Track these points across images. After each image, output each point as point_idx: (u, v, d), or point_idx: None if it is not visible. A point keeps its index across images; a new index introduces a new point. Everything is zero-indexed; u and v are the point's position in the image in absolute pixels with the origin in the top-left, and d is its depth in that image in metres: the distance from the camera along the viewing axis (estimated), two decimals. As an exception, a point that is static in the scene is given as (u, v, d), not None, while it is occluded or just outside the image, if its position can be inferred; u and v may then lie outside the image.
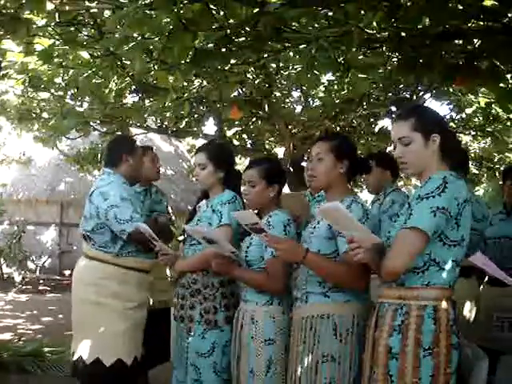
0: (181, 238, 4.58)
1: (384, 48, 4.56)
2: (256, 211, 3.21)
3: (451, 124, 9.01)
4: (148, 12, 3.57)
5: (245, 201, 3.44)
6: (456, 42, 4.48)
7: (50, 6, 4.22)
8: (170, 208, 5.07)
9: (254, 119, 9.65)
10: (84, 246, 4.09)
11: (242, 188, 3.41)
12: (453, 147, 2.58)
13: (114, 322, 3.87)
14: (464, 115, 9.57)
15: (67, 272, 14.17)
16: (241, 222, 3.00)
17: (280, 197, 3.38)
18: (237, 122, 9.57)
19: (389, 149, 9.24)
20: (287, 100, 9.32)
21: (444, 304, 2.43)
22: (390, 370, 2.41)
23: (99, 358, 3.84)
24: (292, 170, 9.56)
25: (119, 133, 8.48)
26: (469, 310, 4.43)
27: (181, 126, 9.13)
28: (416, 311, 2.40)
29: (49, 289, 13.40)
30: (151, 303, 4.51)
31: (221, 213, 3.46)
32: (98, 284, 3.90)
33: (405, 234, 2.40)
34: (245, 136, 10.27)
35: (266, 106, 8.44)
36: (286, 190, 3.54)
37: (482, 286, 4.55)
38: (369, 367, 2.54)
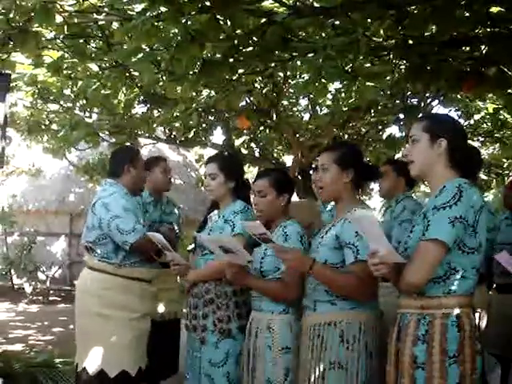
0: (190, 247, 4.59)
1: (391, 56, 4.56)
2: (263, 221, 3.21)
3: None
4: (156, 23, 3.60)
5: (255, 211, 3.45)
6: (463, 48, 4.49)
7: (58, 19, 4.26)
8: (181, 219, 5.07)
9: (262, 128, 9.68)
10: (87, 257, 4.09)
11: (252, 198, 3.42)
12: (462, 155, 2.57)
13: (118, 333, 3.85)
14: (472, 121, 9.55)
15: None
16: (248, 231, 3.01)
17: (289, 205, 3.39)
18: (245, 131, 9.60)
19: (397, 156, 9.24)
20: (295, 108, 9.34)
21: (466, 311, 2.43)
22: (416, 379, 2.40)
23: (103, 369, 3.81)
24: (300, 178, 9.56)
25: (128, 143, 8.50)
26: (479, 318, 4.42)
27: (189, 136, 9.15)
28: (440, 320, 2.40)
29: (59, 299, 13.44)
30: (161, 314, 4.52)
31: (233, 222, 3.47)
32: (102, 295, 3.88)
33: (425, 247, 2.39)
34: (253, 145, 10.29)
35: (274, 115, 8.46)
36: (293, 198, 3.53)
37: (491, 293, 4.54)
38: (394, 378, 2.53)
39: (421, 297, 2.46)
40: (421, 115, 2.80)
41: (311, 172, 9.70)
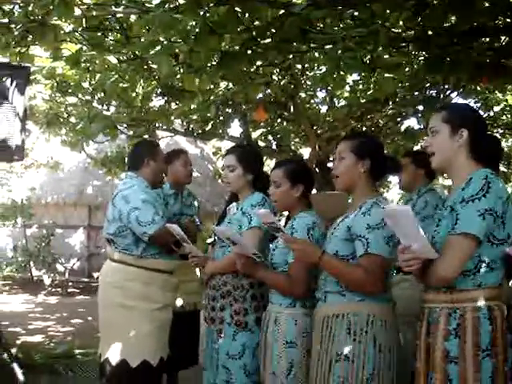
0: (209, 240, 4.60)
1: (410, 47, 4.53)
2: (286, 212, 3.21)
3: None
4: (174, 16, 3.60)
5: (272, 202, 3.44)
6: (483, 39, 4.44)
7: (77, 12, 4.27)
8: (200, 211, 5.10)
9: (279, 120, 9.65)
10: (108, 249, 4.15)
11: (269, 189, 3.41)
12: (484, 145, 2.54)
13: (139, 324, 3.91)
14: (492, 113, 9.46)
15: (96, 274, 14.28)
16: (262, 220, 3.02)
17: (317, 197, 3.36)
18: (262, 124, 9.58)
19: (416, 148, 9.18)
20: (312, 101, 9.30)
21: (497, 303, 2.41)
22: (449, 374, 2.38)
23: (125, 359, 3.88)
24: (318, 170, 9.53)
25: (146, 136, 8.52)
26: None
27: (207, 129, 9.15)
28: (471, 313, 2.38)
29: (78, 291, 13.54)
30: (181, 305, 4.55)
31: (250, 215, 3.46)
32: (124, 286, 3.94)
33: (456, 241, 2.37)
34: (270, 137, 10.26)
35: (292, 107, 8.43)
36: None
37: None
38: (423, 374, 2.51)
39: (450, 290, 2.44)
40: (440, 105, 2.75)
41: (329, 164, 9.71)
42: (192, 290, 4.68)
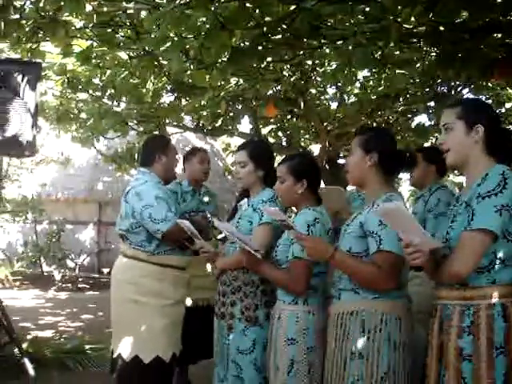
0: (220, 236, 4.61)
1: (421, 43, 4.50)
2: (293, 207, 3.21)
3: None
4: (185, 11, 3.59)
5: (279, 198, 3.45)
6: (495, 35, 4.41)
7: (87, 8, 4.28)
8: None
9: (289, 117, 9.63)
10: (121, 245, 4.15)
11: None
12: (499, 141, 2.52)
13: (152, 320, 3.91)
14: (503, 109, 9.40)
15: (105, 270, 14.34)
16: (272, 217, 3.02)
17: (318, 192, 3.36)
18: (272, 120, 9.56)
19: (426, 144, 9.14)
20: (322, 97, 9.27)
21: (511, 300, 2.38)
22: (463, 372, 2.36)
23: (138, 355, 3.89)
24: (328, 167, 9.51)
25: (156, 132, 8.53)
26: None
27: (216, 125, 9.14)
28: (486, 310, 2.35)
29: (88, 287, 13.59)
30: (194, 300, 4.57)
31: (261, 211, 3.47)
32: (137, 283, 3.95)
33: (472, 237, 2.35)
34: (280, 134, 10.24)
35: (302, 104, 8.41)
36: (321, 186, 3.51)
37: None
38: (435, 371, 2.50)
39: (464, 287, 2.41)
40: (453, 100, 2.71)
41: (339, 161, 9.69)
42: (205, 285, 4.70)
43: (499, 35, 4.43)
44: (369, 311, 2.76)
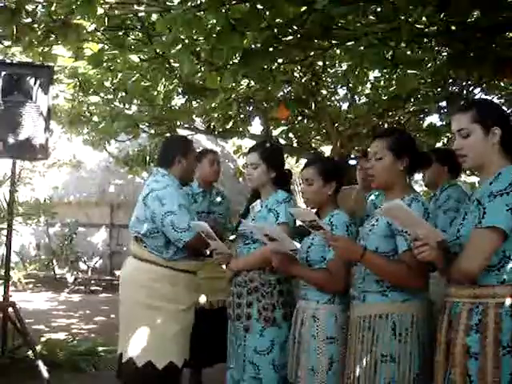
0: (231, 237, 4.61)
1: (433, 43, 4.48)
2: (314, 210, 3.21)
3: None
4: (196, 14, 3.60)
5: (303, 199, 3.44)
6: (507, 34, 4.39)
7: (99, 11, 4.29)
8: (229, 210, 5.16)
9: (300, 118, 9.62)
10: (134, 247, 4.03)
11: (300, 187, 3.41)
12: None
13: (166, 325, 3.85)
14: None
15: (118, 272, 14.37)
16: (297, 218, 3.01)
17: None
18: (283, 121, 9.56)
19: (438, 145, 9.11)
20: (333, 98, 9.26)
21: None
22: (468, 370, 2.36)
23: (151, 361, 3.81)
24: (339, 168, 9.48)
25: (168, 134, 8.53)
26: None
27: (227, 127, 9.15)
28: (494, 309, 2.35)
29: (100, 289, 13.63)
30: (209, 303, 4.56)
31: (277, 212, 3.48)
32: (150, 286, 3.87)
33: (481, 234, 2.35)
34: (291, 135, 10.23)
35: (313, 105, 8.40)
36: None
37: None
38: (442, 368, 2.50)
39: (473, 285, 2.41)
40: (463, 104, 2.69)
41: (350, 162, 9.66)
42: (219, 287, 4.68)
43: (511, 34, 4.41)
44: (399, 314, 2.77)
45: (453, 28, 4.03)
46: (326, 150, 11.15)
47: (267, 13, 3.86)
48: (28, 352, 5.28)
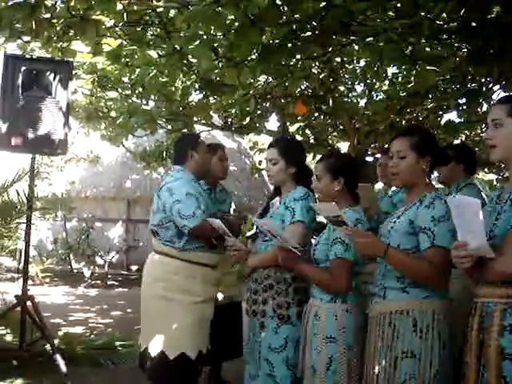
0: (249, 233, 4.61)
1: (453, 39, 4.45)
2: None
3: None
4: (215, 9, 3.59)
5: (316, 195, 3.43)
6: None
7: (118, 7, 4.31)
8: (233, 207, 5.12)
9: (317, 114, 9.59)
10: (153, 241, 4.18)
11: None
12: None
13: (179, 316, 3.93)
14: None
15: (134, 267, 14.43)
16: (321, 213, 2.99)
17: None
18: (300, 118, 9.54)
19: (456, 142, 9.03)
20: (351, 94, 9.22)
21: None
22: (503, 371, 2.32)
23: (164, 351, 3.91)
24: (356, 164, 9.43)
25: (185, 130, 8.55)
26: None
27: (244, 123, 9.14)
28: None
29: (117, 284, 13.69)
30: (222, 297, 4.57)
31: (293, 209, 3.46)
32: (166, 279, 3.98)
33: None
34: (308, 131, 10.20)
35: (330, 101, 8.37)
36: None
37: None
38: (474, 369, 2.46)
39: (506, 285, 2.37)
40: (503, 97, 2.65)
41: (367, 158, 9.62)
42: (229, 282, 4.70)
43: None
44: (420, 310, 2.76)
45: (473, 24, 3.99)
46: (343, 146, 11.10)
47: (286, 8, 3.85)
48: (46, 346, 5.32)
